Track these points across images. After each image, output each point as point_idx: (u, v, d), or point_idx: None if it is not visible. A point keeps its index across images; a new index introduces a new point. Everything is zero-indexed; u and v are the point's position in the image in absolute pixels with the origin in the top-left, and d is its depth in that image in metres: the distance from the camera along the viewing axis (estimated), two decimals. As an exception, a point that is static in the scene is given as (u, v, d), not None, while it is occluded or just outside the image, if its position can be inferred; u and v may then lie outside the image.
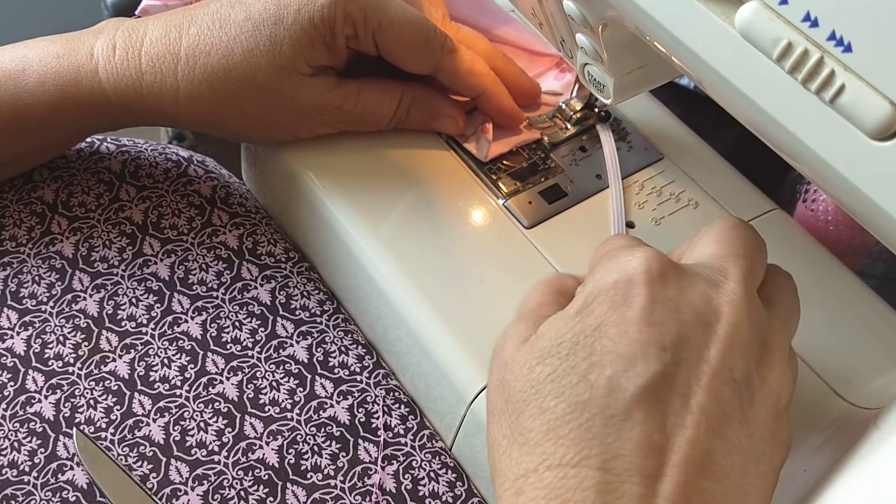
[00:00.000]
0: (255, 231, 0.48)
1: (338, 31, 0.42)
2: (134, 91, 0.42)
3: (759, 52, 0.25)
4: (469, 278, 0.43)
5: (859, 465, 0.33)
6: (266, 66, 0.42)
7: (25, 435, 0.41)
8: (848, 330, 0.44)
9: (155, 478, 0.41)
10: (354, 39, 0.43)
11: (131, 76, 0.42)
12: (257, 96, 0.43)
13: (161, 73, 0.42)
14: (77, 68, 0.42)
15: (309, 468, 0.42)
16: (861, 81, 0.23)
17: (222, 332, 0.45)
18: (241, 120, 0.44)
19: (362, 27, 0.42)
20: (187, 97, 0.42)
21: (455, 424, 0.42)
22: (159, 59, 0.42)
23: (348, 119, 0.45)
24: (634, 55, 0.36)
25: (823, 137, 0.25)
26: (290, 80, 0.42)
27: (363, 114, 0.45)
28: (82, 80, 0.42)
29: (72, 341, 0.44)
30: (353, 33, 0.42)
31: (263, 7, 0.42)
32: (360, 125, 0.46)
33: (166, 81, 0.42)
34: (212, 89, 0.42)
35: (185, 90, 0.42)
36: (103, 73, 0.42)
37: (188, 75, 0.42)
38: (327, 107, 0.44)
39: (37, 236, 0.47)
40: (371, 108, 0.45)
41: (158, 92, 0.42)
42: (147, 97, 0.42)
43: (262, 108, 0.43)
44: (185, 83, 0.42)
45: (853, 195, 0.25)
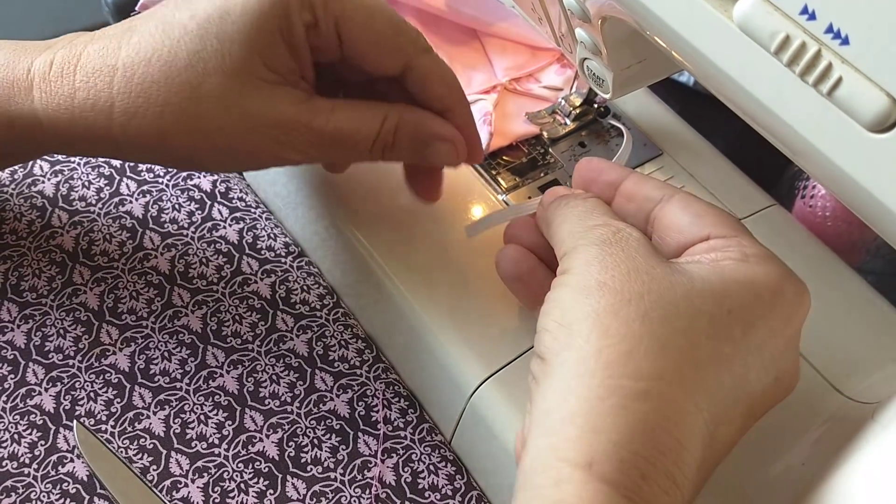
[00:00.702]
0: (255, 225, 0.48)
1: (294, 17, 0.35)
2: (65, 111, 0.36)
3: (757, 44, 0.25)
4: (468, 272, 0.43)
5: (856, 458, 0.33)
6: (214, 70, 0.35)
7: (26, 427, 0.42)
8: (846, 325, 0.44)
9: (155, 470, 0.41)
10: (315, 30, 0.36)
11: (63, 94, 0.36)
12: (205, 108, 0.35)
13: (95, 89, 0.36)
14: (11, 84, 0.37)
15: (309, 461, 0.42)
16: (858, 74, 0.24)
17: (222, 326, 0.45)
18: (187, 140, 0.36)
19: (322, 11, 0.36)
20: (122, 114, 0.35)
21: (454, 418, 0.42)
22: (94, 74, 0.36)
23: (321, 142, 0.37)
24: (634, 49, 0.37)
25: (821, 130, 0.25)
26: (244, 87, 0.35)
27: (338, 135, 0.37)
28: (14, 97, 0.37)
29: (72, 334, 0.44)
30: (312, 20, 0.36)
31: (209, 2, 0.35)
32: (337, 152, 0.38)
33: (100, 97, 0.36)
34: (150, 102, 0.35)
35: (120, 106, 0.35)
36: (37, 91, 0.36)
37: (124, 88, 0.35)
38: (293, 124, 0.36)
39: (37, 230, 0.47)
40: (347, 128, 0.37)
41: (91, 110, 0.36)
42: (78, 118, 0.36)
43: (210, 124, 0.36)
44: (120, 98, 0.35)
45: (850, 187, 0.25)
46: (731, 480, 0.39)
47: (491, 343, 0.41)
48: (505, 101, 0.50)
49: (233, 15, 0.35)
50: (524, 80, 0.51)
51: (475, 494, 0.42)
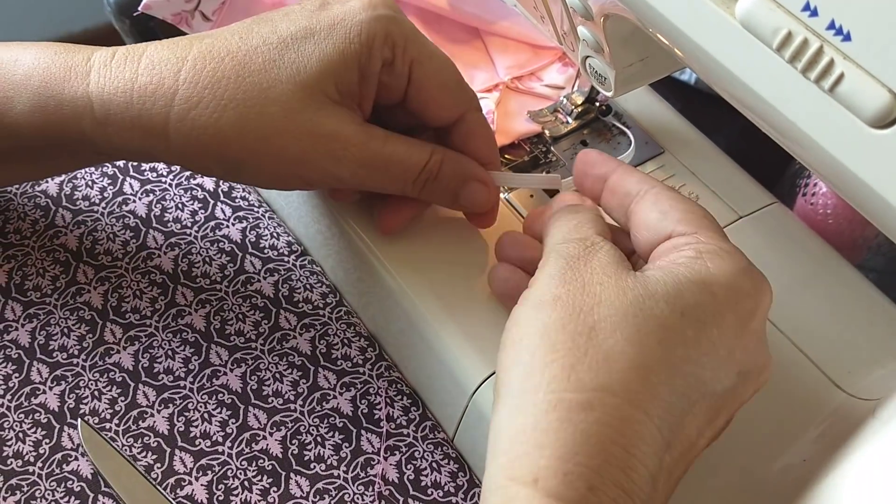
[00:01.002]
0: (258, 225, 0.48)
1: (375, 51, 0.37)
2: (122, 95, 0.36)
3: (759, 41, 0.26)
4: (470, 270, 0.44)
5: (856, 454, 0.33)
6: (287, 79, 0.36)
7: (30, 426, 0.42)
8: (847, 322, 0.44)
9: (159, 468, 0.41)
10: (390, 67, 0.38)
11: (123, 78, 0.36)
12: (269, 111, 0.36)
13: (160, 75, 0.36)
14: (69, 68, 0.37)
15: (312, 458, 0.42)
16: (860, 70, 0.24)
17: (226, 325, 0.45)
18: (243, 141, 0.37)
19: (402, 52, 0.38)
20: (184, 102, 0.36)
21: (457, 416, 0.42)
22: (161, 62, 0.36)
23: (373, 164, 0.38)
24: (636, 47, 0.37)
25: (823, 126, 0.25)
26: (311, 100, 0.36)
27: (391, 159, 0.39)
28: (70, 80, 0.37)
29: (76, 333, 0.44)
30: (390, 57, 0.38)
31: (293, 22, 0.37)
32: (384, 178, 0.39)
33: (164, 83, 0.36)
34: (216, 95, 0.36)
35: (183, 94, 0.36)
36: (95, 75, 0.37)
37: (192, 78, 0.36)
38: (352, 140, 0.37)
39: (41, 229, 0.47)
40: (400, 153, 0.39)
41: (151, 95, 0.36)
42: (135, 101, 0.36)
43: (270, 127, 0.36)
44: (185, 86, 0.36)
45: (852, 183, 0.26)
46: (732, 477, 0.39)
47: (493, 341, 0.41)
48: (507, 99, 0.50)
49: (318, 35, 0.37)
50: (526, 78, 0.52)
51: (477, 492, 0.42)
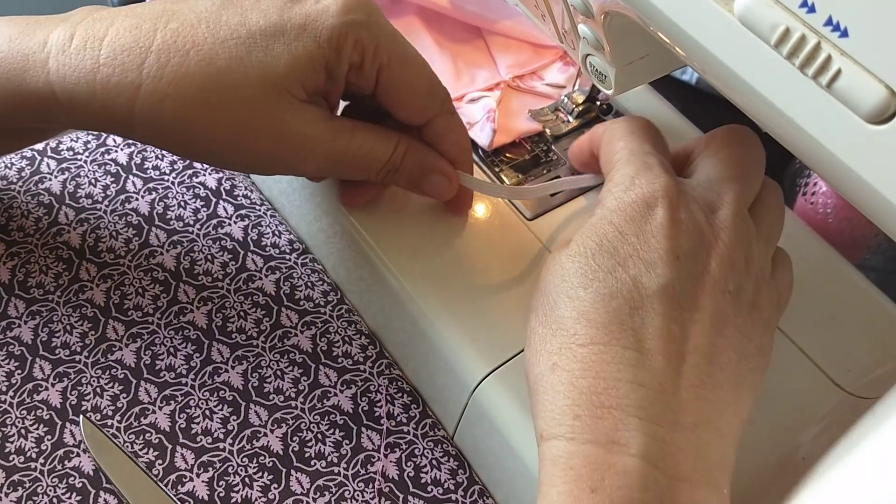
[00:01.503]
0: (259, 223, 0.49)
1: (344, 56, 0.37)
2: (85, 85, 0.36)
3: (757, 37, 0.26)
4: (471, 268, 0.44)
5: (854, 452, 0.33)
6: (255, 79, 0.36)
7: (32, 422, 0.42)
8: (847, 321, 0.44)
9: (161, 464, 0.41)
10: (358, 70, 0.38)
11: (85, 68, 0.35)
12: (236, 109, 0.36)
13: (122, 67, 0.35)
14: (26, 56, 0.36)
15: (313, 455, 0.42)
16: (857, 66, 0.24)
17: (227, 322, 0.45)
18: (209, 134, 0.37)
19: (370, 58, 0.38)
20: (149, 95, 0.35)
21: (457, 413, 0.42)
22: (123, 52, 0.35)
23: (338, 159, 0.39)
24: (636, 45, 0.37)
25: (820, 122, 0.25)
26: (279, 101, 0.36)
27: (356, 154, 0.39)
28: (29, 69, 0.36)
29: (79, 330, 0.44)
30: (358, 62, 0.38)
31: (262, 15, 0.36)
32: (348, 169, 0.41)
33: (127, 76, 0.35)
34: (181, 93, 0.35)
35: (147, 87, 0.35)
36: (54, 63, 0.36)
37: (156, 72, 0.35)
38: (318, 140, 0.38)
39: (44, 227, 0.47)
40: (366, 148, 0.40)
41: (115, 87, 0.35)
42: (98, 93, 0.36)
43: (238, 124, 0.37)
44: (149, 80, 0.35)
45: (849, 179, 0.26)
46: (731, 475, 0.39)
47: (493, 338, 0.41)
48: (508, 98, 0.51)
49: (287, 36, 0.36)
50: (527, 77, 0.52)
51: (477, 489, 0.42)
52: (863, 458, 0.30)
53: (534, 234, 0.45)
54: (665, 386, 0.32)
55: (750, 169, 0.38)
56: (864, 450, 0.30)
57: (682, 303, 0.33)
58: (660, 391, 0.32)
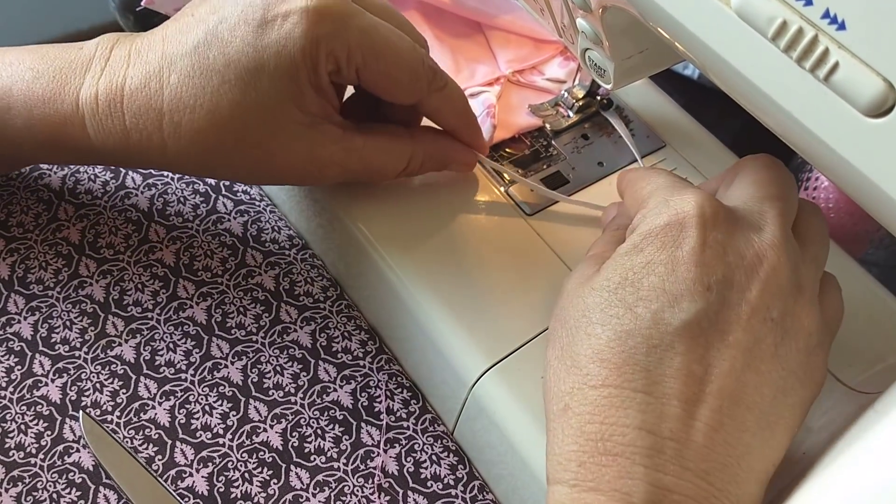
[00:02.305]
0: (259, 218, 0.49)
1: (321, 69, 0.38)
2: (121, 145, 0.40)
3: (754, 31, 0.25)
4: (470, 264, 0.44)
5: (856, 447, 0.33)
6: (257, 122, 0.38)
7: (32, 418, 0.42)
8: (849, 316, 0.44)
9: (160, 460, 0.41)
10: (336, 74, 0.39)
11: (117, 132, 0.39)
12: (249, 153, 0.39)
13: (147, 131, 0.39)
14: (64, 120, 0.39)
15: (312, 451, 0.42)
16: (855, 59, 0.24)
17: (227, 318, 0.45)
18: (233, 172, 0.42)
19: (345, 63, 0.39)
20: (176, 155, 0.39)
21: (457, 408, 0.42)
22: (142, 116, 0.39)
23: (352, 172, 0.42)
24: (635, 39, 0.37)
25: (818, 115, 0.25)
26: (284, 132, 0.39)
27: (370, 169, 0.42)
28: (69, 132, 0.40)
29: (78, 326, 0.44)
30: (335, 69, 0.39)
31: (240, 50, 0.38)
32: (370, 177, 0.43)
33: (153, 139, 0.39)
34: (201, 148, 0.39)
35: (172, 148, 0.39)
36: (90, 127, 0.39)
37: (174, 133, 0.39)
38: (328, 162, 0.41)
39: (44, 223, 0.47)
40: (377, 165, 0.42)
41: (147, 149, 0.39)
42: (135, 153, 0.40)
43: (256, 163, 0.40)
44: (172, 140, 0.39)
45: (848, 173, 0.26)
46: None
47: (493, 333, 0.41)
48: (508, 93, 0.50)
49: (267, 70, 0.37)
50: (527, 72, 0.52)
51: (477, 484, 0.42)
52: (864, 454, 0.30)
53: (533, 229, 0.45)
54: (676, 432, 0.30)
55: (788, 187, 0.36)
56: (866, 445, 0.30)
57: (709, 338, 0.31)
58: (669, 437, 0.30)
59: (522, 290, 0.43)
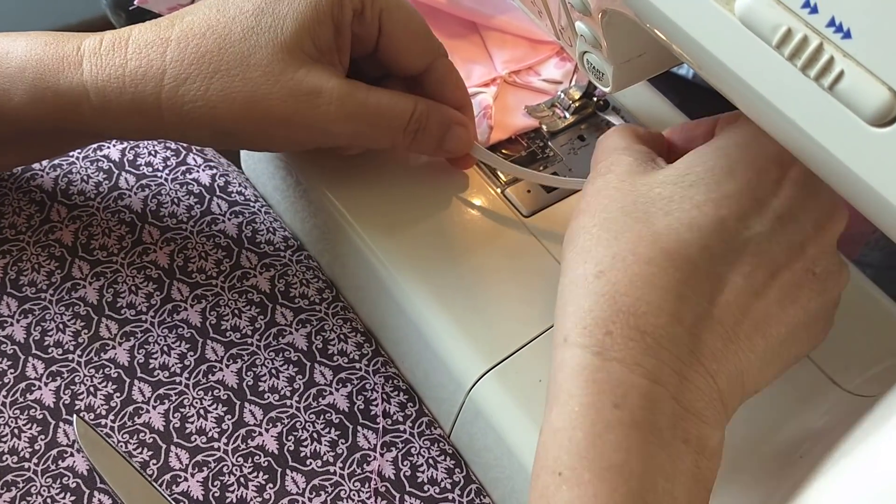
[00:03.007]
0: (254, 220, 0.48)
1: (346, 3, 0.39)
2: (115, 80, 0.38)
3: (758, 38, 0.25)
4: (467, 266, 0.43)
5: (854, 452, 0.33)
6: (266, 44, 0.38)
7: (26, 422, 0.41)
8: (845, 319, 0.44)
9: (155, 464, 0.41)
10: (360, 17, 0.40)
11: (114, 65, 0.39)
12: (253, 76, 0.38)
13: (147, 58, 0.38)
14: (61, 58, 0.39)
15: (308, 455, 0.42)
16: (860, 68, 0.23)
17: (222, 320, 0.45)
18: (232, 109, 0.39)
19: (370, 3, 0.40)
20: (172, 80, 0.38)
21: (454, 412, 0.42)
22: (147, 46, 0.39)
23: (362, 114, 0.40)
24: (634, 43, 0.36)
25: (822, 124, 0.25)
26: (292, 60, 0.39)
27: (377, 110, 0.41)
28: (63, 70, 0.39)
29: (72, 329, 0.44)
30: (360, 7, 0.40)
31: None
32: (374, 129, 0.41)
33: (152, 65, 0.38)
34: (202, 70, 0.38)
35: (171, 73, 0.38)
36: (87, 64, 0.39)
37: (177, 56, 0.38)
38: (335, 93, 0.39)
39: (36, 224, 0.47)
40: (385, 103, 0.41)
41: (142, 78, 0.38)
42: (128, 86, 0.38)
43: (257, 91, 0.39)
44: (172, 65, 0.38)
45: (851, 182, 0.25)
46: (729, 473, 0.39)
47: (490, 336, 0.41)
48: (504, 94, 0.50)
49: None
50: (524, 73, 0.51)
51: (474, 488, 0.42)
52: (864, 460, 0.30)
53: (530, 230, 0.45)
54: (701, 330, 0.32)
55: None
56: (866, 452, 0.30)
57: (759, 262, 0.32)
58: (694, 333, 0.32)
59: (520, 292, 0.43)
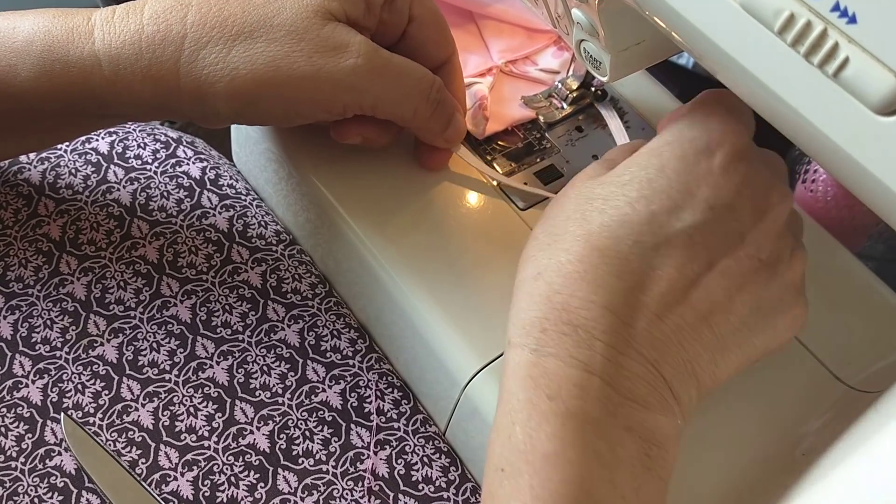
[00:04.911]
0: (245, 213, 0.47)
1: None
2: (131, 47, 0.37)
3: (760, 24, 0.24)
4: (463, 261, 0.43)
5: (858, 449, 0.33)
6: (292, 4, 0.37)
7: (13, 420, 0.41)
8: (847, 312, 0.44)
9: (144, 463, 0.40)
10: (391, 4, 0.40)
11: (129, 31, 0.37)
12: (277, 36, 0.37)
13: (167, 23, 0.37)
14: (70, 30, 0.37)
15: (300, 453, 0.41)
16: (866, 54, 0.23)
17: (212, 316, 0.44)
18: (252, 71, 0.37)
19: None
20: (193, 44, 0.36)
21: (449, 409, 0.41)
22: (166, 11, 0.37)
23: (384, 72, 0.39)
24: (632, 30, 0.36)
25: (826, 112, 0.24)
26: (317, 19, 0.37)
27: (402, 70, 0.39)
28: (73, 41, 0.37)
29: (59, 325, 0.43)
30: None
31: None
32: (398, 91, 0.40)
33: (171, 30, 0.37)
34: (224, 33, 0.37)
35: (192, 36, 0.36)
36: (99, 32, 0.37)
37: (199, 20, 0.37)
38: (361, 48, 0.38)
39: (24, 219, 0.46)
40: (410, 66, 0.40)
41: (160, 43, 0.37)
42: (145, 52, 0.37)
43: (279, 52, 0.37)
44: (193, 29, 0.37)
45: (856, 171, 0.25)
46: (730, 471, 0.38)
47: (485, 333, 0.40)
48: (501, 84, 0.49)
49: None
50: (520, 62, 0.50)
51: (469, 486, 0.41)
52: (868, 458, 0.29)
53: (526, 224, 0.44)
54: (637, 320, 0.32)
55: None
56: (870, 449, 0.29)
57: (695, 254, 0.32)
58: (628, 323, 0.32)
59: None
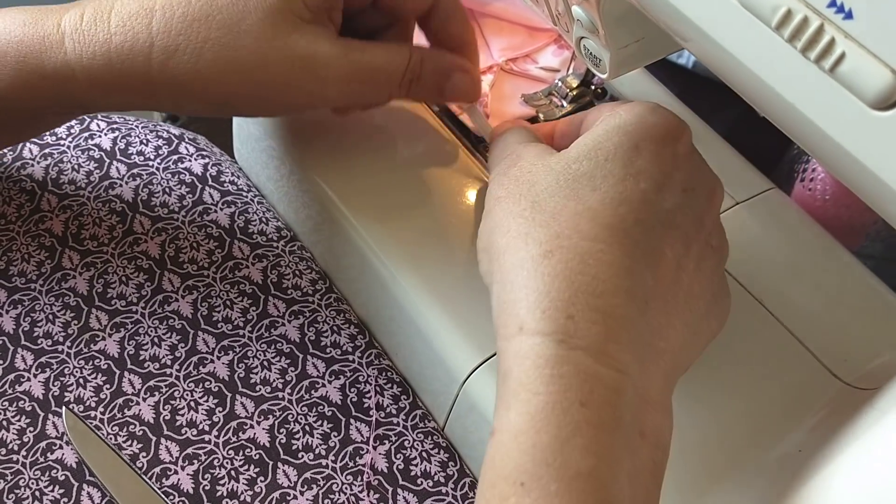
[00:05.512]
0: (246, 209, 0.48)
1: None
2: (101, 57, 0.37)
3: (757, 19, 0.25)
4: (463, 257, 0.43)
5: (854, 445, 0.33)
6: (255, 8, 0.36)
7: (14, 414, 0.41)
8: (845, 310, 0.44)
9: (145, 457, 0.40)
10: None
11: (98, 41, 0.37)
12: (244, 43, 0.36)
13: (133, 31, 0.36)
14: (42, 38, 0.37)
15: (300, 448, 0.41)
16: (862, 49, 0.23)
17: (213, 311, 0.44)
18: (225, 77, 0.37)
19: None
20: (161, 52, 0.36)
21: (448, 404, 0.41)
22: (131, 18, 0.37)
23: (357, 75, 0.39)
24: (631, 28, 0.36)
25: (823, 107, 0.24)
26: (283, 23, 0.37)
27: (372, 67, 0.39)
28: (46, 51, 0.37)
29: (61, 320, 0.43)
30: None
31: None
32: (370, 88, 0.40)
33: (138, 39, 0.36)
34: (190, 40, 0.36)
35: (159, 45, 0.36)
36: (69, 42, 0.37)
37: (164, 28, 0.36)
38: (329, 56, 0.38)
39: (26, 213, 0.46)
40: (380, 60, 0.39)
41: (129, 52, 0.36)
42: (115, 62, 0.37)
43: (249, 59, 0.37)
44: (160, 37, 0.36)
45: (852, 167, 0.25)
46: (727, 467, 0.38)
47: (485, 328, 0.40)
48: (501, 82, 0.49)
49: None
50: (521, 60, 0.51)
51: (468, 481, 0.41)
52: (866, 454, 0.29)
53: (526, 221, 0.44)
54: (649, 308, 0.31)
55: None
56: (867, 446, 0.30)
57: (683, 234, 0.33)
58: (643, 310, 0.31)
59: (515, 283, 0.42)
